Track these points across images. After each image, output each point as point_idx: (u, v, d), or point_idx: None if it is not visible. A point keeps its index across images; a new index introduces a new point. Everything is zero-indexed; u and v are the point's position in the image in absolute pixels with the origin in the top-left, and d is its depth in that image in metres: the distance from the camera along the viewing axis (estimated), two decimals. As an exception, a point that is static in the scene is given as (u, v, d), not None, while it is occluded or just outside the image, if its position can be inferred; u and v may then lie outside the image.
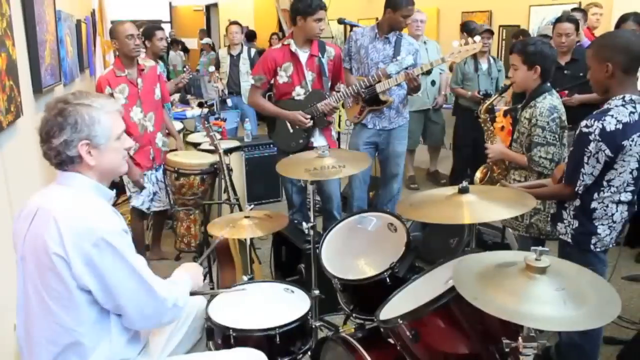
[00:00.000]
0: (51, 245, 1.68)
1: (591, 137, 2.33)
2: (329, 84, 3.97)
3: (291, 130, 3.93)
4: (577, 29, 4.30)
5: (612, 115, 2.33)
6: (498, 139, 3.24)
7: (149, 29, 5.05)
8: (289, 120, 3.90)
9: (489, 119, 3.37)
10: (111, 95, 3.78)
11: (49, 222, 1.70)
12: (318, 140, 3.96)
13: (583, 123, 2.38)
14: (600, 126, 2.32)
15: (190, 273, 2.18)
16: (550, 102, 2.87)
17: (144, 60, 4.14)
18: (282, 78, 3.89)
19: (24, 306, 1.80)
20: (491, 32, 5.76)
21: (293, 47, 3.84)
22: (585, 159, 2.37)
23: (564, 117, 2.90)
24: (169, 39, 11.46)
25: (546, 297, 1.49)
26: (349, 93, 3.96)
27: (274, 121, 4.04)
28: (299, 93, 3.90)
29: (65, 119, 1.74)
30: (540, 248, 1.57)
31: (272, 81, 3.93)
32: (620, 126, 2.31)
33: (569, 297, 1.49)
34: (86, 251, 1.68)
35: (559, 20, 4.37)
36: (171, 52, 11.80)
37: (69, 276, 1.70)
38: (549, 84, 2.97)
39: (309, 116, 3.85)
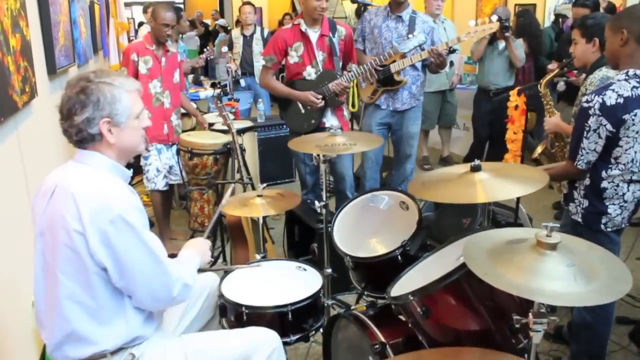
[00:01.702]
0: (70, 222, 1.71)
1: (591, 112, 2.33)
2: (340, 63, 3.94)
3: (303, 111, 3.93)
4: (594, 11, 4.22)
5: (613, 90, 2.32)
6: (557, 113, 3.20)
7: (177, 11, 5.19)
8: (300, 101, 3.90)
9: (549, 93, 3.32)
10: (135, 62, 4.00)
11: (67, 199, 1.73)
12: (330, 120, 3.96)
13: (584, 98, 2.39)
14: (600, 100, 2.31)
15: (197, 249, 2.19)
16: (605, 74, 2.82)
17: (170, 45, 4.29)
18: (292, 58, 3.88)
19: (44, 280, 1.82)
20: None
21: (303, 27, 3.82)
22: (585, 133, 2.36)
23: None
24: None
25: (557, 273, 1.49)
26: (361, 72, 3.94)
27: (285, 102, 4.04)
28: (309, 73, 3.88)
29: (88, 96, 1.76)
30: (550, 224, 1.57)
31: (283, 62, 3.92)
32: (621, 100, 2.30)
33: (579, 273, 1.49)
34: (103, 228, 1.71)
35: (574, 4, 4.31)
36: (188, 33, 11.80)
37: (86, 254, 1.72)
38: None
39: (320, 96, 3.84)
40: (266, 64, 3.93)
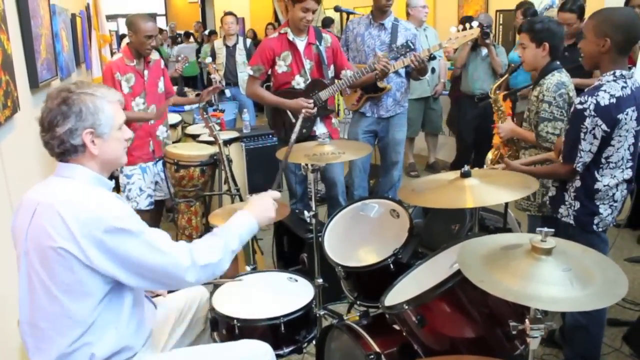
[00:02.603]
0: (57, 239, 1.67)
1: (586, 113, 2.33)
2: (329, 71, 3.88)
3: (293, 120, 3.85)
4: (579, 16, 4.25)
5: (604, 90, 2.33)
6: (508, 118, 3.22)
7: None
8: (292, 109, 3.80)
9: (500, 99, 3.34)
10: (118, 82, 3.84)
11: (53, 216, 1.69)
12: (320, 128, 3.91)
13: (577, 100, 2.40)
14: (595, 101, 2.32)
15: (254, 210, 2.09)
16: (559, 79, 2.84)
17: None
18: (281, 67, 3.83)
19: (29, 302, 1.78)
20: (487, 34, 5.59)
21: (290, 36, 3.78)
22: (582, 135, 2.37)
23: (572, 94, 2.87)
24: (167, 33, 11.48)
25: (553, 278, 1.48)
26: (356, 79, 3.84)
27: (274, 112, 3.98)
28: (298, 82, 3.83)
29: (70, 107, 1.73)
30: (545, 229, 1.56)
31: (269, 71, 3.89)
32: (614, 100, 2.31)
33: (575, 277, 1.48)
34: (99, 238, 1.67)
35: (560, 9, 4.33)
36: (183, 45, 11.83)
37: (79, 267, 1.69)
38: (558, 62, 2.93)
39: (311, 101, 3.77)
40: (254, 74, 3.85)
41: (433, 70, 6.15)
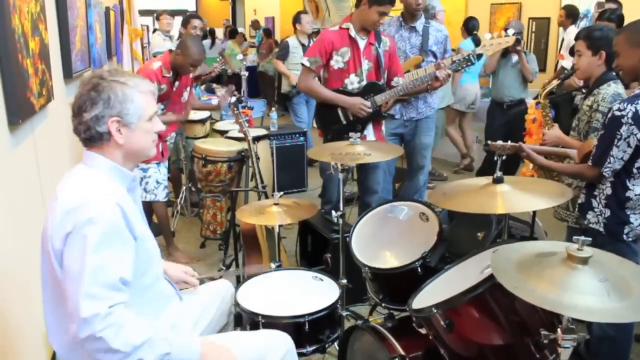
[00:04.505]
0: (49, 227, 1.69)
1: (623, 120, 2.31)
2: (385, 75, 3.77)
3: (344, 122, 3.69)
4: (619, 26, 4.18)
5: None
6: (555, 125, 3.16)
7: (187, 17, 5.36)
8: (349, 106, 3.64)
9: (548, 104, 3.28)
10: None
11: (54, 203, 1.71)
12: (370, 134, 3.75)
13: (615, 107, 2.36)
14: (634, 109, 2.30)
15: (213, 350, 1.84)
16: (615, 90, 2.77)
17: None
18: (337, 63, 3.66)
19: (49, 279, 1.79)
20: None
21: (353, 32, 3.63)
22: (616, 141, 2.34)
23: None
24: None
25: (589, 288, 1.45)
26: (409, 87, 3.67)
27: (324, 111, 3.81)
28: (352, 82, 3.67)
29: (99, 93, 1.74)
30: (582, 238, 1.53)
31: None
32: None
33: (612, 288, 1.45)
34: (67, 230, 1.64)
35: (599, 18, 4.29)
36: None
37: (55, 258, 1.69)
38: (614, 73, 2.83)
39: (369, 102, 3.62)
40: (310, 66, 3.67)
41: None
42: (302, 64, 3.73)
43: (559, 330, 1.53)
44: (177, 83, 4.07)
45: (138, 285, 1.83)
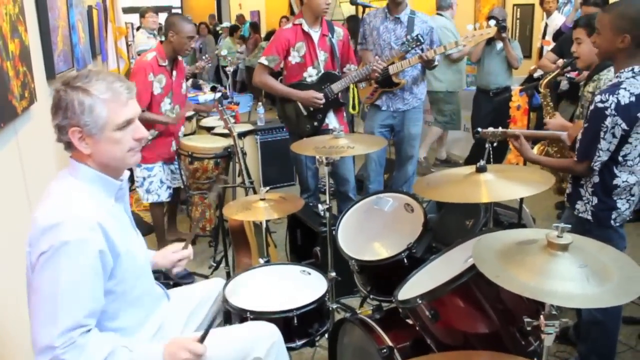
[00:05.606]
0: (29, 237, 1.66)
1: (607, 112, 2.29)
2: (339, 64, 3.92)
3: (305, 113, 3.87)
4: None
5: (625, 88, 2.29)
6: (557, 114, 3.16)
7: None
8: (302, 100, 3.84)
9: (548, 93, 3.28)
10: (150, 83, 3.83)
11: (35, 213, 1.69)
12: (333, 122, 3.93)
13: (597, 98, 2.34)
14: (616, 100, 2.28)
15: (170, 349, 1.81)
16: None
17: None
18: (294, 58, 3.83)
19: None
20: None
21: (305, 27, 3.79)
22: (602, 134, 2.33)
23: None
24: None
25: (569, 274, 1.46)
26: (362, 74, 3.89)
27: (285, 104, 3.98)
28: (311, 74, 3.84)
29: (58, 102, 1.69)
30: (561, 224, 1.54)
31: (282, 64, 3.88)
32: (633, 98, 2.28)
33: (592, 274, 1.46)
34: (42, 249, 1.61)
35: (584, 2, 4.28)
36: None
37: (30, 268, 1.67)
38: None
39: (321, 94, 3.79)
40: (268, 64, 3.83)
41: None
42: (260, 63, 3.87)
43: (541, 317, 1.55)
44: (174, 72, 4.03)
45: (126, 298, 1.84)
